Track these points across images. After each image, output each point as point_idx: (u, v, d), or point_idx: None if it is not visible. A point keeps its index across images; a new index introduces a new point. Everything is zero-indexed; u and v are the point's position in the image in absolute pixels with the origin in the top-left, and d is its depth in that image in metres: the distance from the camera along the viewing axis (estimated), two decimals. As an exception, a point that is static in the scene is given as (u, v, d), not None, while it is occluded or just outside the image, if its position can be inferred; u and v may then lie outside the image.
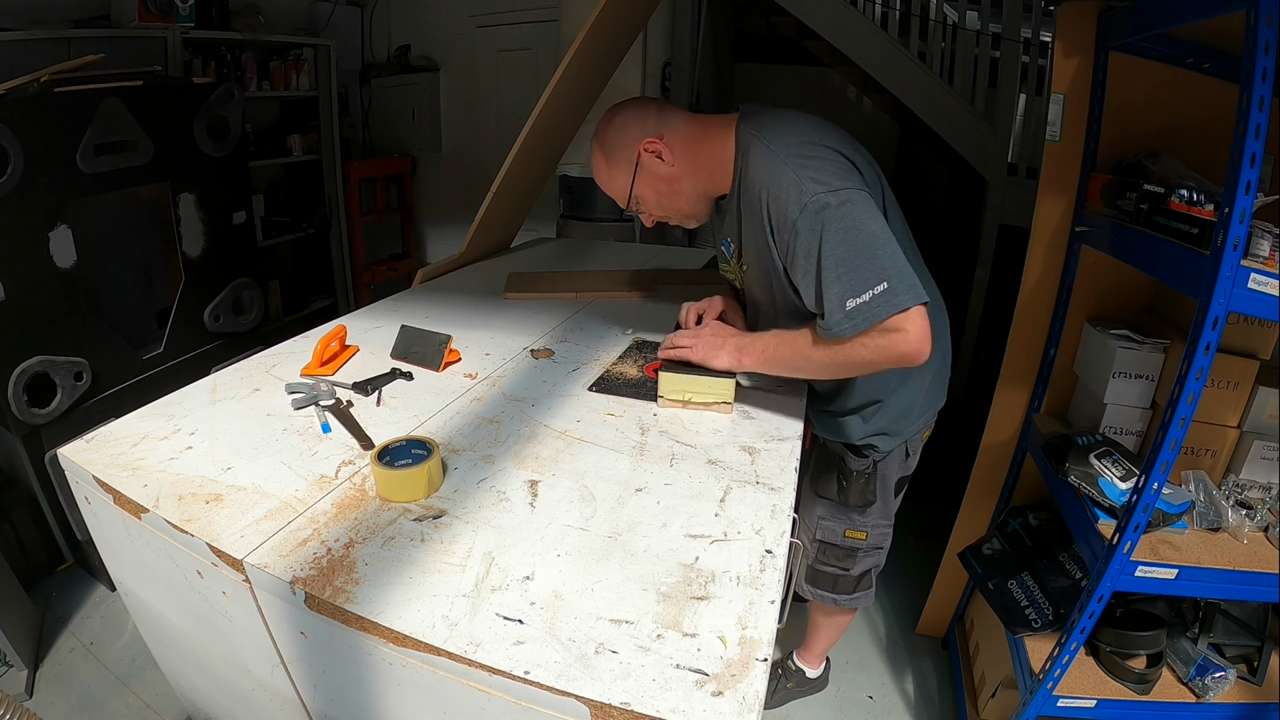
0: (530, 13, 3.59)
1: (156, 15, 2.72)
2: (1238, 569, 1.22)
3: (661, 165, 1.17)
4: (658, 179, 1.18)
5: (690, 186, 1.19)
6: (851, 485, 1.36)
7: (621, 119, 1.19)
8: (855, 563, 1.48)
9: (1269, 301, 1.02)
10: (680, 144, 1.17)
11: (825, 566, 1.50)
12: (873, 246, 0.98)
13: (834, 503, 1.42)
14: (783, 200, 1.04)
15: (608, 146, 1.19)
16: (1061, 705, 1.37)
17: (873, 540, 1.46)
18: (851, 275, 0.98)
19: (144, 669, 1.84)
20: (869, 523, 1.44)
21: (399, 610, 0.73)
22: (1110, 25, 1.42)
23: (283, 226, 3.56)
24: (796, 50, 3.46)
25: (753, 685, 0.65)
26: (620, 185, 1.20)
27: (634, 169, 1.17)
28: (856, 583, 1.52)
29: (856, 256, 0.98)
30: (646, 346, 1.47)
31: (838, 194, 1.00)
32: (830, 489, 1.40)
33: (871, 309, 0.97)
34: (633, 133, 1.17)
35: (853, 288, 0.98)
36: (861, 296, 0.97)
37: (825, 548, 1.48)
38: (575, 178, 3.00)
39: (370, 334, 1.51)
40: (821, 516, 1.46)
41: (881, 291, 0.97)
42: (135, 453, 1.02)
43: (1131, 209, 1.30)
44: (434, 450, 0.94)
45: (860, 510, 1.41)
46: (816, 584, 1.54)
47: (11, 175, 1.77)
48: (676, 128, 1.17)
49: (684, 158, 1.17)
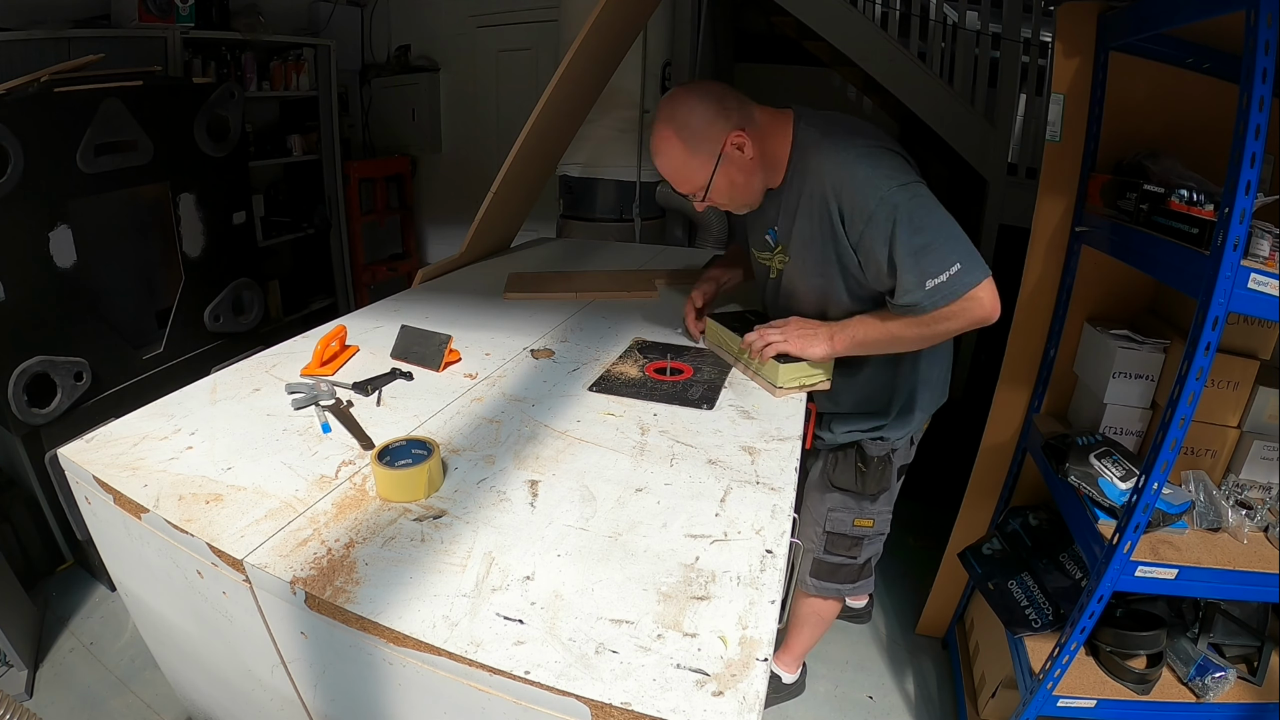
0: (530, 13, 3.59)
1: (156, 15, 2.72)
2: (1238, 569, 1.22)
3: (742, 157, 1.20)
4: (736, 170, 1.20)
5: (760, 179, 1.24)
6: (870, 472, 1.41)
7: (705, 106, 1.17)
8: (861, 551, 1.52)
9: (1269, 301, 1.02)
10: (755, 138, 1.20)
11: (833, 557, 1.53)
12: (943, 231, 1.09)
13: (850, 493, 1.45)
14: (859, 193, 1.12)
15: (688, 133, 1.17)
16: (1061, 705, 1.37)
17: (878, 527, 1.51)
18: (928, 258, 1.08)
19: (144, 669, 1.84)
20: (877, 510, 1.48)
21: (399, 610, 0.73)
22: (1110, 25, 1.42)
23: (283, 226, 3.55)
24: (796, 50, 3.46)
25: (753, 685, 0.65)
26: (697, 174, 1.20)
27: (716, 161, 1.18)
28: (860, 571, 1.55)
29: (930, 242, 1.09)
30: (647, 346, 1.48)
31: (907, 188, 1.11)
32: (849, 479, 1.43)
33: (950, 287, 1.08)
34: (720, 123, 1.17)
35: (931, 269, 1.08)
36: (940, 277, 1.08)
37: (834, 538, 1.51)
38: (575, 178, 3.00)
39: (370, 334, 1.51)
40: (832, 508, 1.49)
41: (957, 271, 1.07)
42: (135, 453, 1.02)
43: (1131, 209, 1.30)
44: (434, 450, 0.94)
45: (873, 498, 1.46)
46: (821, 576, 1.56)
47: (11, 175, 1.77)
48: (753, 120, 1.20)
49: (758, 151, 1.21)
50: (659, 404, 1.22)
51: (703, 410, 1.21)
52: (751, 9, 3.75)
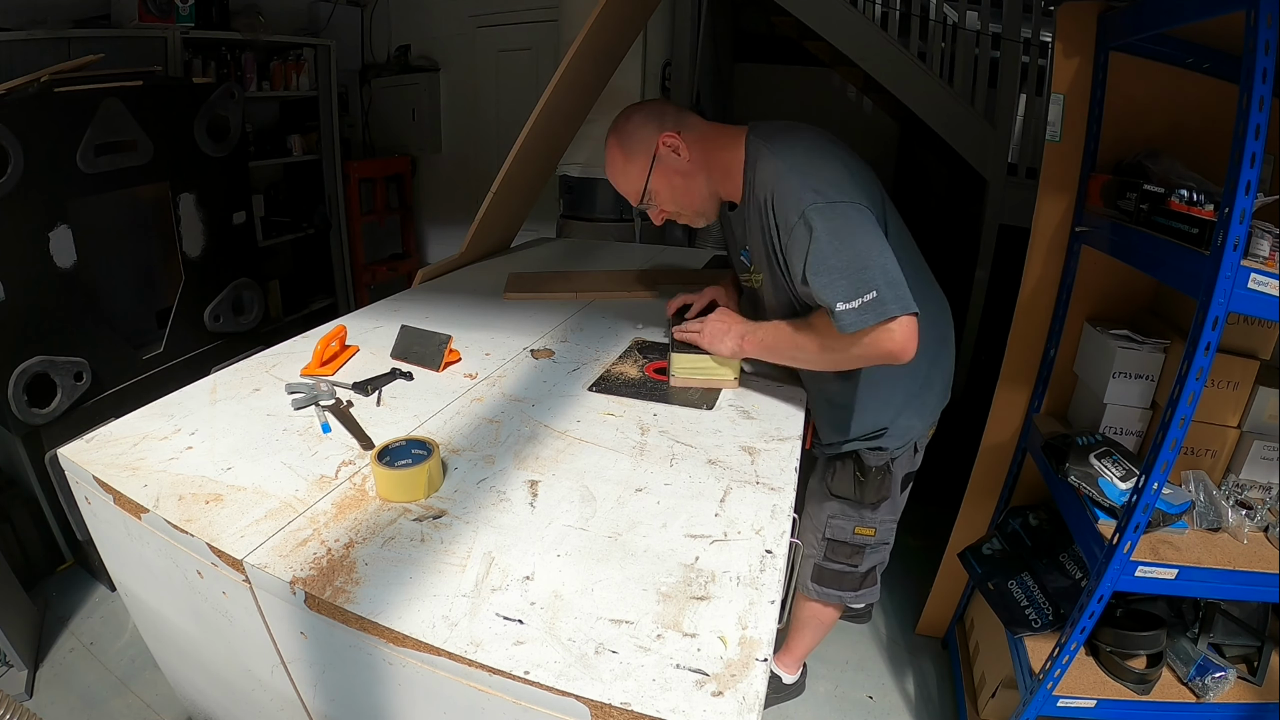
0: (530, 13, 3.58)
1: (156, 15, 2.72)
2: (1238, 569, 1.22)
3: (677, 159, 1.22)
4: (673, 173, 1.23)
5: (703, 183, 1.25)
6: (869, 481, 1.39)
7: (640, 116, 1.25)
8: (863, 559, 1.50)
9: (1269, 301, 1.02)
10: (696, 141, 1.23)
11: (833, 564, 1.51)
12: (863, 257, 1.04)
13: (849, 501, 1.43)
14: (785, 206, 1.11)
15: (625, 139, 1.24)
16: (1061, 705, 1.37)
17: (880, 536, 1.48)
18: (842, 282, 1.04)
19: (144, 669, 1.84)
20: (879, 519, 1.46)
21: (399, 610, 0.73)
22: (1110, 25, 1.42)
23: (283, 226, 3.55)
24: (796, 50, 3.46)
25: (753, 685, 0.65)
26: (635, 178, 1.25)
27: (650, 162, 1.22)
28: (862, 579, 1.53)
29: (848, 266, 1.04)
30: (647, 347, 1.48)
31: (833, 206, 1.07)
32: (847, 487, 1.42)
33: (860, 315, 1.03)
34: (651, 127, 1.22)
35: (843, 294, 1.04)
36: (851, 303, 1.04)
37: (834, 545, 1.49)
38: (575, 178, 3.00)
39: (370, 334, 1.51)
40: (832, 515, 1.47)
41: (871, 300, 1.03)
42: (135, 453, 1.02)
43: (1131, 209, 1.30)
44: (434, 450, 0.94)
45: (873, 507, 1.43)
46: (822, 582, 1.54)
47: (11, 175, 1.77)
48: (692, 127, 1.24)
49: (698, 154, 1.23)
50: (659, 404, 1.22)
51: (703, 410, 1.21)
52: (751, 9, 3.76)
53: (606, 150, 1.27)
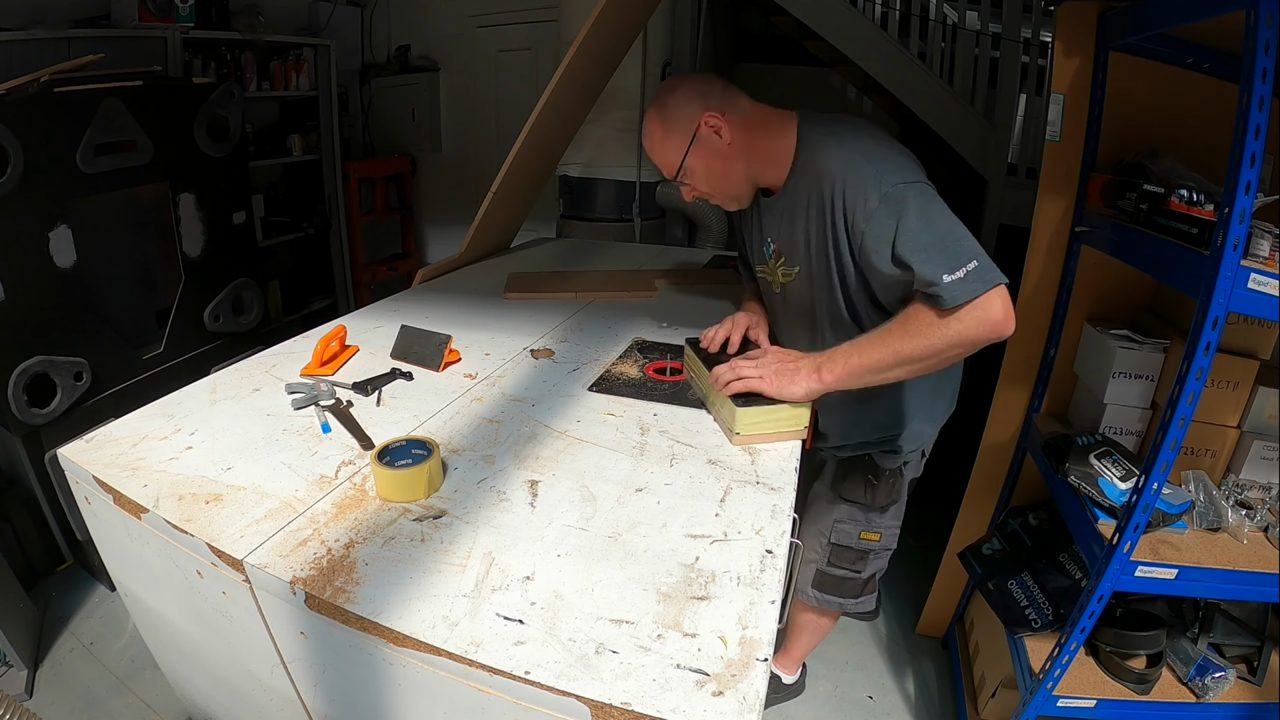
0: (530, 13, 3.58)
1: (156, 15, 2.72)
2: (1238, 569, 1.22)
3: (719, 141, 1.17)
4: (712, 154, 1.18)
5: (742, 169, 1.20)
6: (881, 485, 1.37)
7: (686, 89, 1.18)
8: (866, 565, 1.49)
9: (1269, 301, 1.02)
10: (740, 125, 1.17)
11: (836, 570, 1.49)
12: (956, 230, 1.01)
13: (859, 505, 1.41)
14: (862, 190, 1.06)
15: (666, 112, 1.18)
16: (1061, 705, 1.37)
17: (885, 541, 1.47)
18: (942, 254, 0.99)
19: (144, 669, 1.84)
20: (885, 524, 1.44)
21: (399, 610, 0.73)
22: (1110, 25, 1.42)
23: (283, 226, 3.55)
24: (796, 50, 3.46)
25: (753, 685, 0.65)
26: (673, 153, 1.19)
27: (690, 140, 1.17)
28: (864, 586, 1.52)
29: (943, 239, 1.00)
30: (647, 347, 1.47)
31: (913, 185, 1.04)
32: (859, 491, 1.39)
33: (969, 283, 0.97)
34: (696, 104, 1.16)
35: (948, 264, 0.98)
36: (957, 273, 0.97)
37: (839, 550, 1.47)
38: (575, 178, 3.00)
39: (370, 334, 1.51)
40: (839, 520, 1.44)
41: (974, 269, 0.97)
42: (135, 453, 1.02)
43: (1131, 209, 1.30)
44: (434, 450, 0.93)
45: (882, 511, 1.42)
46: (823, 589, 1.52)
47: (11, 175, 1.77)
48: (739, 108, 1.18)
49: (741, 138, 1.17)
50: (659, 404, 1.22)
51: (703, 410, 1.21)
52: (751, 9, 3.75)
53: (645, 119, 1.22)
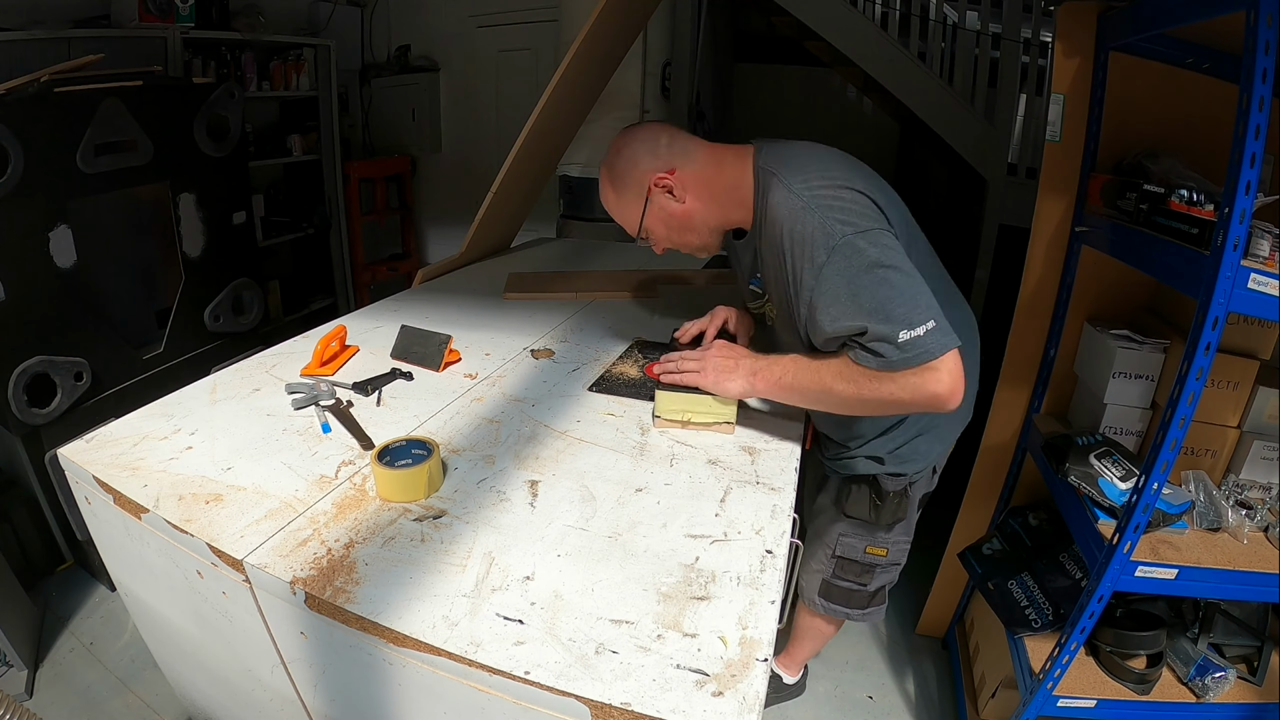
0: (530, 13, 3.58)
1: (156, 15, 2.72)
2: (1238, 569, 1.22)
3: (672, 201, 1.13)
4: (669, 214, 1.15)
5: (702, 221, 1.16)
6: (885, 506, 1.33)
7: (630, 150, 1.15)
8: (873, 578, 1.46)
9: (1269, 301, 1.02)
10: (693, 178, 1.13)
11: (842, 582, 1.48)
12: (913, 285, 0.95)
13: (863, 522, 1.38)
14: (809, 246, 0.99)
15: (616, 178, 1.16)
16: (1061, 705, 1.37)
17: (892, 556, 1.44)
18: (898, 310, 0.93)
19: (144, 669, 1.84)
20: (891, 539, 1.42)
21: (399, 610, 0.73)
22: (1110, 25, 1.42)
23: (283, 226, 3.55)
24: (796, 50, 3.46)
25: (753, 685, 0.65)
26: (630, 217, 1.18)
27: (644, 203, 1.14)
28: (871, 598, 1.50)
29: (900, 294, 0.94)
30: (647, 346, 1.47)
31: (866, 235, 0.97)
32: (862, 509, 1.35)
33: (925, 344, 0.92)
34: (643, 165, 1.13)
35: (904, 321, 0.93)
36: (915, 330, 0.92)
37: (844, 563, 1.45)
38: (575, 178, 3.00)
39: (370, 334, 1.51)
40: (843, 533, 1.42)
41: (933, 329, 0.93)
42: (135, 453, 1.02)
43: (1131, 209, 1.30)
44: (434, 450, 0.94)
45: (888, 528, 1.39)
46: (830, 598, 1.51)
47: (11, 175, 1.77)
48: (689, 159, 1.13)
49: (696, 191, 1.13)
50: (659, 404, 1.22)
51: (703, 410, 1.20)
52: (751, 9, 3.75)
53: (600, 181, 1.20)
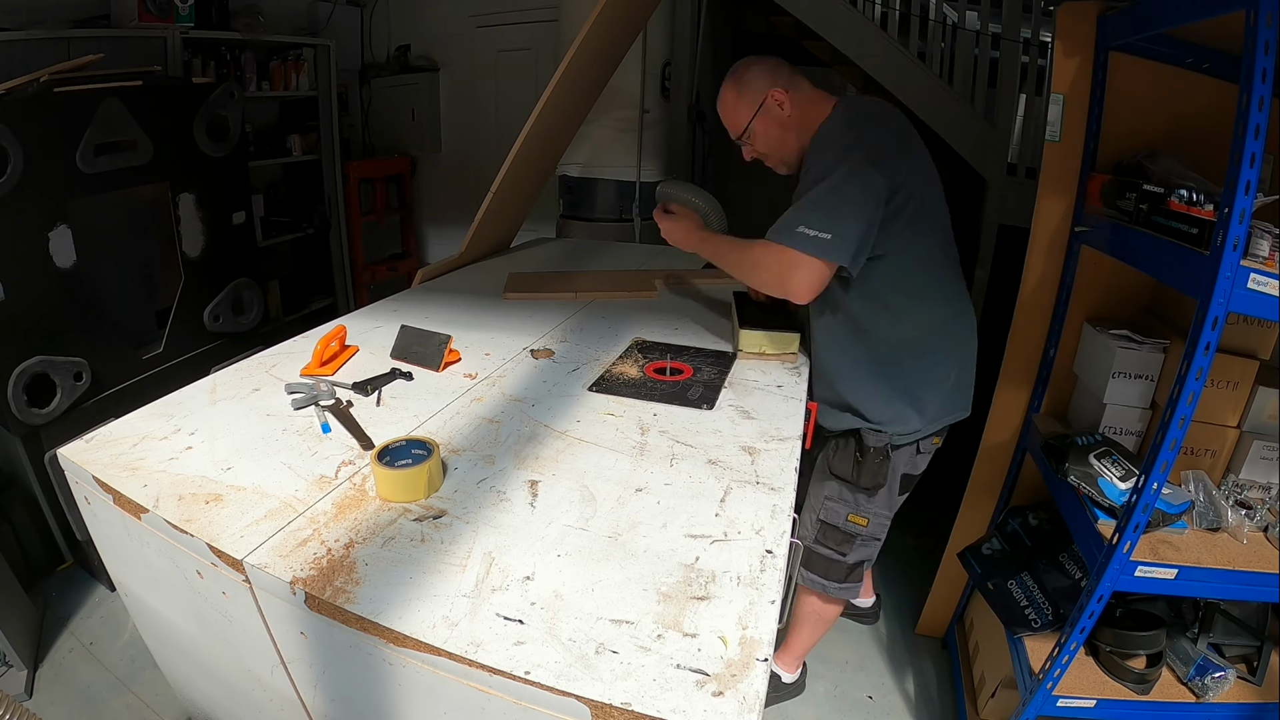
0: (530, 13, 3.58)
1: (156, 15, 2.72)
2: (1237, 569, 1.22)
3: (780, 113, 1.40)
4: (772, 123, 1.41)
5: (794, 138, 1.41)
6: (866, 463, 1.43)
7: (759, 67, 1.42)
8: (852, 549, 1.52)
9: (1269, 301, 1.02)
10: (799, 102, 1.40)
11: (823, 549, 1.54)
12: (847, 205, 1.21)
13: (846, 483, 1.47)
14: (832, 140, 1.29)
15: (742, 84, 1.42)
16: (1061, 705, 1.37)
17: (871, 529, 1.50)
18: (818, 213, 1.21)
19: (144, 669, 1.84)
20: (873, 509, 1.49)
21: (399, 610, 0.73)
22: (1110, 25, 1.42)
23: (282, 226, 3.55)
24: (796, 50, 3.46)
25: (753, 685, 0.65)
26: (741, 116, 1.42)
27: (758, 108, 1.40)
28: (849, 571, 1.55)
29: (836, 205, 1.21)
30: (647, 346, 1.48)
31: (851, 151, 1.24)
32: (846, 466, 1.47)
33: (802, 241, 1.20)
34: (765, 80, 1.40)
35: (811, 221, 1.20)
36: (811, 230, 1.20)
37: (826, 529, 1.53)
38: (575, 178, 3.00)
39: (370, 334, 1.51)
40: (828, 497, 1.51)
41: (822, 239, 1.19)
42: (135, 453, 1.02)
43: (1131, 209, 1.30)
44: (434, 450, 0.94)
45: (869, 493, 1.47)
46: (811, 568, 1.57)
47: (11, 175, 1.77)
48: (800, 90, 1.41)
49: (797, 114, 1.40)
50: (659, 404, 1.22)
51: (702, 410, 1.21)
52: (751, 9, 3.75)
53: (722, 89, 1.44)
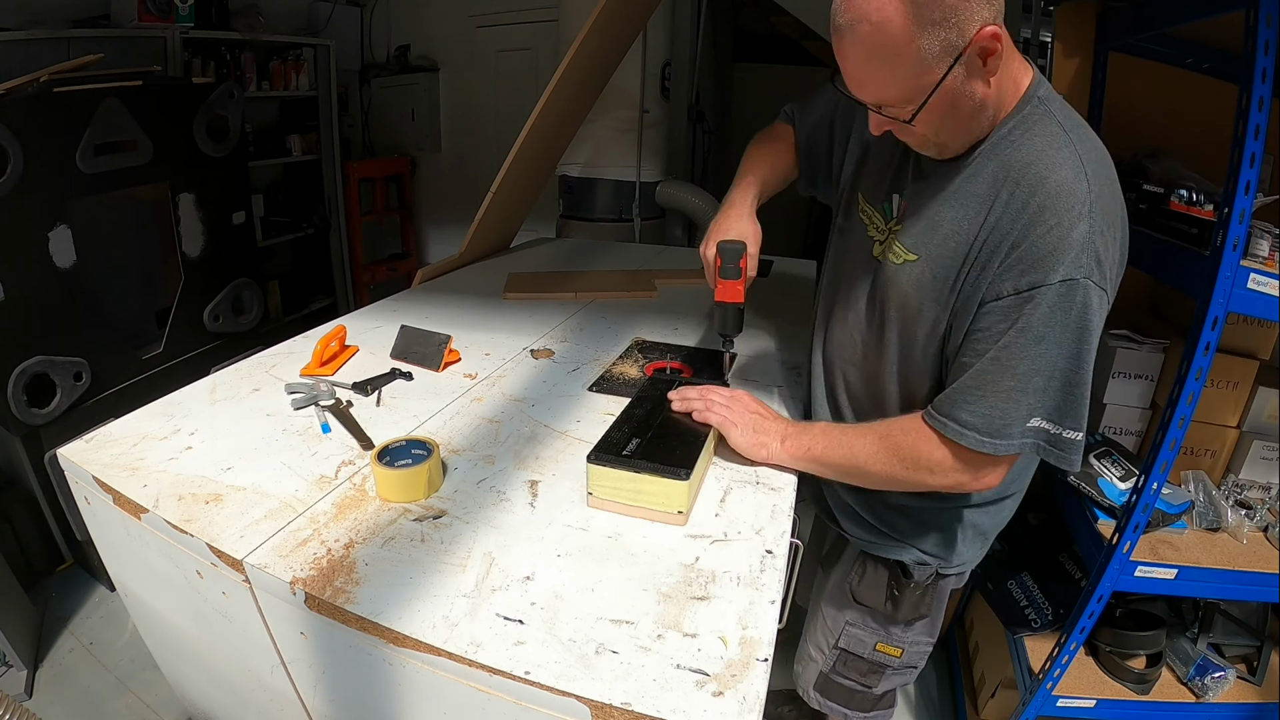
0: (530, 13, 3.58)
1: (156, 15, 2.72)
2: (1237, 569, 1.22)
3: (984, 73, 0.78)
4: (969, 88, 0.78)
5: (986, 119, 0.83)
6: (905, 597, 1.09)
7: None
8: (881, 680, 1.20)
9: (1269, 301, 1.02)
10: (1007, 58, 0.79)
11: (843, 679, 1.22)
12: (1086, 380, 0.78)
13: (876, 612, 1.15)
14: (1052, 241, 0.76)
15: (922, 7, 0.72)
16: (1061, 705, 1.37)
17: (907, 659, 1.17)
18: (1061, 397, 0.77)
19: (144, 669, 1.84)
20: (910, 639, 1.16)
21: (399, 610, 0.73)
22: (1110, 25, 1.42)
23: (282, 226, 3.55)
24: (796, 50, 3.46)
25: (753, 685, 0.65)
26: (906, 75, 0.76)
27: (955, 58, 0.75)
28: (877, 701, 1.23)
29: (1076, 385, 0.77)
30: (647, 347, 1.47)
31: (1104, 295, 0.78)
32: (877, 597, 1.12)
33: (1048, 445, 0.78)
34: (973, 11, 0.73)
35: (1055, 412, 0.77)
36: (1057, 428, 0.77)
37: (847, 658, 1.19)
38: (575, 178, 3.00)
39: (370, 334, 1.51)
40: (850, 622, 1.17)
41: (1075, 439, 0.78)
42: (135, 453, 1.01)
43: (1131, 209, 1.30)
44: (434, 450, 0.93)
45: (906, 625, 1.14)
46: (827, 695, 1.26)
47: (11, 175, 1.77)
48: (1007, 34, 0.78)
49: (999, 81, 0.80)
50: (659, 404, 1.22)
51: (703, 410, 1.20)
52: (751, 9, 3.76)
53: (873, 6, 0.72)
